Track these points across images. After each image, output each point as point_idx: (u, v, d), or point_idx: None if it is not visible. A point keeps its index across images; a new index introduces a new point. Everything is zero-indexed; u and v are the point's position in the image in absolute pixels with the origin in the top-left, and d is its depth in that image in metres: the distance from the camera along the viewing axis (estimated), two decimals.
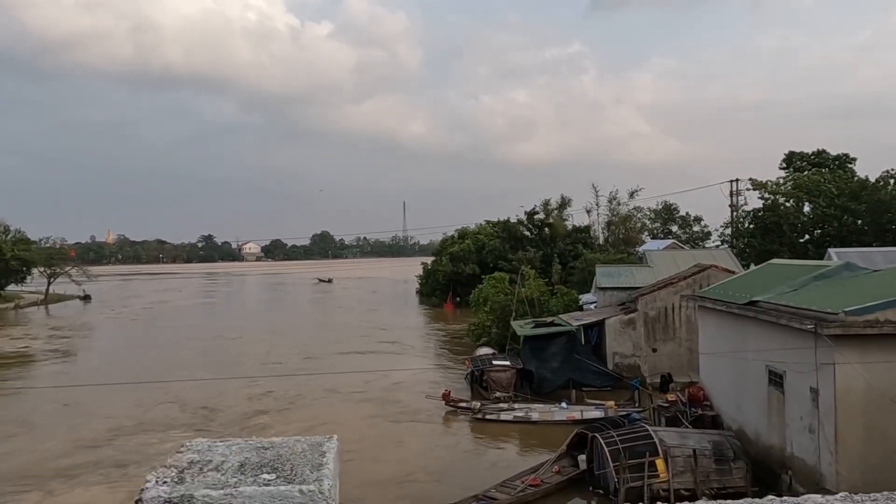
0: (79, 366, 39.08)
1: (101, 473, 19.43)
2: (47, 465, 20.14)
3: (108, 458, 20.70)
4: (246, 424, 24.22)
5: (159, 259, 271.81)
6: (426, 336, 48.74)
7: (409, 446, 21.98)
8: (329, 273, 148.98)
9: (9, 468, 19.94)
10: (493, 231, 68.09)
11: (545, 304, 35.87)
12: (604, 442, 16.12)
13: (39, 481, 18.90)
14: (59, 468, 19.91)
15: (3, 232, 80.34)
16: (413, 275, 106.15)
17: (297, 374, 32.16)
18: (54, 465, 20.15)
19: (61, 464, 20.28)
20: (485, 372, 26.47)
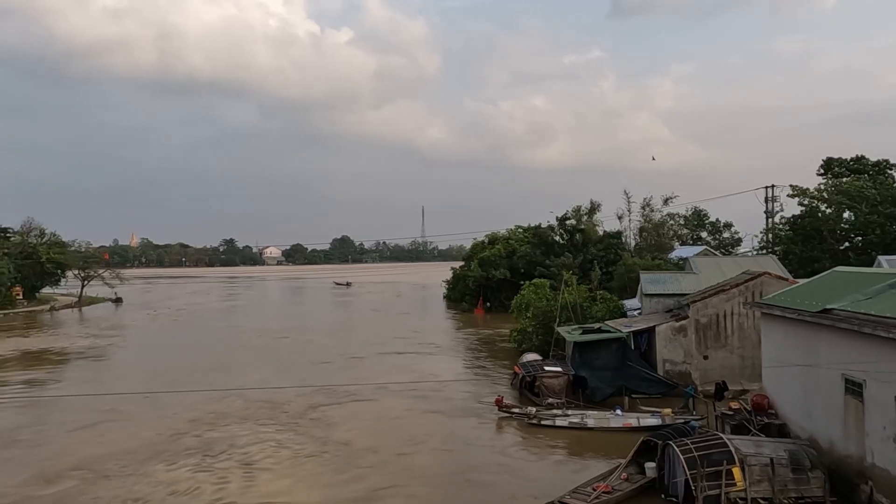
0: (145, 362, 40.78)
1: (196, 457, 20.68)
2: (151, 449, 21.47)
3: (197, 444, 21.99)
4: (313, 416, 25.56)
5: (182, 262, 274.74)
6: (460, 340, 48.81)
7: (469, 444, 22.43)
8: (349, 277, 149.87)
9: (115, 450, 21.33)
10: (524, 236, 68.05)
11: (587, 310, 35.71)
12: (679, 450, 16.02)
13: (144, 462, 20.21)
14: (158, 452, 21.27)
15: (38, 235, 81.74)
16: (432, 280, 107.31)
17: (346, 371, 34.84)
18: (154, 450, 21.47)
19: (159, 448, 21.60)
20: (537, 378, 26.41)
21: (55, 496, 17.64)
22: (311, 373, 34.44)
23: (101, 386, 32.77)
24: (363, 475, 19.27)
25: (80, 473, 19.26)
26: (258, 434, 23.15)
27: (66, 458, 20.78)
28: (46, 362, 40.89)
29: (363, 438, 22.80)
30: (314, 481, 18.79)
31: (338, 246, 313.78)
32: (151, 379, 33.63)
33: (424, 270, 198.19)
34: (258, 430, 23.62)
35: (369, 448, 21.70)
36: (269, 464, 20.11)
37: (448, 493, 18.19)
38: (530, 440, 22.81)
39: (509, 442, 22.80)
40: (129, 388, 30.17)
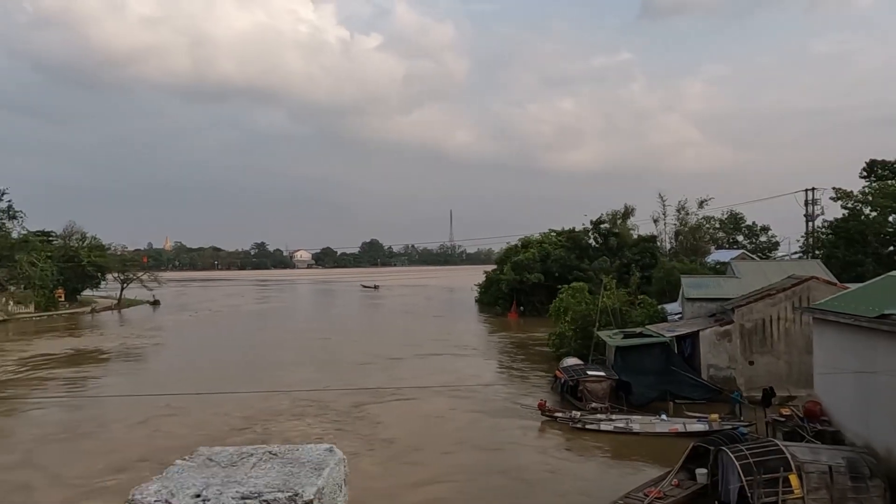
0: (193, 361, 41.98)
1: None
2: (210, 444, 21.19)
3: (253, 440, 22.77)
4: (358, 414, 26.46)
5: (214, 266, 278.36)
6: (495, 343, 48.90)
7: (513, 444, 22.69)
8: (378, 281, 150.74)
9: (176, 444, 21.78)
10: (558, 240, 67.77)
11: (627, 314, 35.47)
12: (734, 456, 15.86)
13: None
14: (227, 442, 21.69)
15: (80, 239, 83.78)
16: (461, 283, 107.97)
17: (386, 371, 35.77)
18: (213, 444, 21.29)
19: (218, 443, 21.40)
20: (580, 382, 26.32)
21: (128, 484, 17.93)
22: (353, 372, 35.31)
23: (153, 383, 33.95)
24: (411, 472, 19.84)
25: (146, 465, 20.25)
26: (308, 430, 24.04)
27: (131, 451, 21.79)
28: (101, 360, 42.85)
29: (408, 437, 23.33)
30: (365, 475, 19.40)
31: (367, 249, 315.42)
32: (201, 377, 34.83)
33: (453, 274, 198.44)
34: (308, 427, 24.51)
35: (414, 446, 22.27)
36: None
37: (496, 489, 18.63)
38: (575, 443, 22.80)
39: (554, 444, 22.89)
40: (180, 386, 31.58)
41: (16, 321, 64.60)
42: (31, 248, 72.44)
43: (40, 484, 18.77)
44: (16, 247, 69.96)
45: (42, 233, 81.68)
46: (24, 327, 61.41)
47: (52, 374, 37.32)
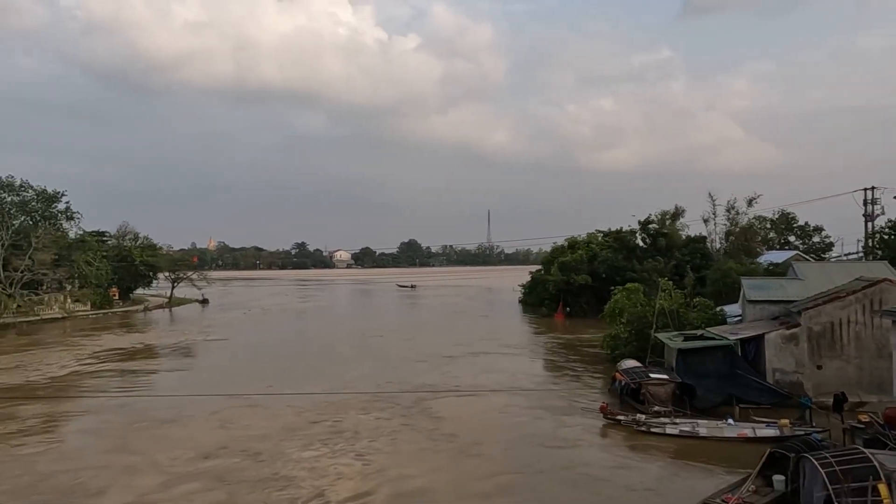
0: (256, 356, 43.98)
1: (327, 442, 22.58)
2: (285, 434, 23.47)
3: (326, 431, 23.83)
4: (419, 410, 27.08)
5: (256, 265, 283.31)
6: (544, 344, 48.69)
7: (575, 443, 22.85)
8: (416, 281, 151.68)
9: (253, 434, 23.46)
10: (605, 241, 67.09)
11: (683, 316, 34.87)
12: (818, 464, 15.43)
13: (281, 444, 22.26)
14: (292, 436, 23.26)
15: (132, 239, 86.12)
16: (500, 284, 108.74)
17: (441, 368, 36.94)
18: (288, 434, 23.46)
19: (292, 433, 23.59)
20: (642, 385, 25.96)
21: (218, 469, 19.60)
22: (409, 369, 36.36)
23: (223, 376, 35.43)
24: (476, 464, 20.37)
25: (227, 451, 21.38)
26: (377, 424, 24.74)
27: (212, 440, 22.77)
28: (170, 355, 44.86)
29: (469, 432, 23.82)
30: (433, 468, 20.04)
31: (405, 250, 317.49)
32: (268, 371, 36.39)
33: (492, 275, 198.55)
34: (376, 421, 25.17)
35: (475, 441, 22.78)
36: (390, 450, 21.60)
37: (563, 481, 19.01)
38: (639, 445, 22.52)
39: (617, 444, 22.74)
40: (248, 379, 33.47)
41: (74, 318, 66.74)
42: (87, 247, 74.74)
43: (142, 467, 19.95)
44: (73, 247, 72.20)
45: (97, 233, 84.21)
46: (81, 324, 63.42)
47: (127, 367, 39.38)
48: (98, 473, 19.47)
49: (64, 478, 19.14)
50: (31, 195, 72.49)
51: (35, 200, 72.37)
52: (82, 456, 21.43)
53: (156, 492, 17.81)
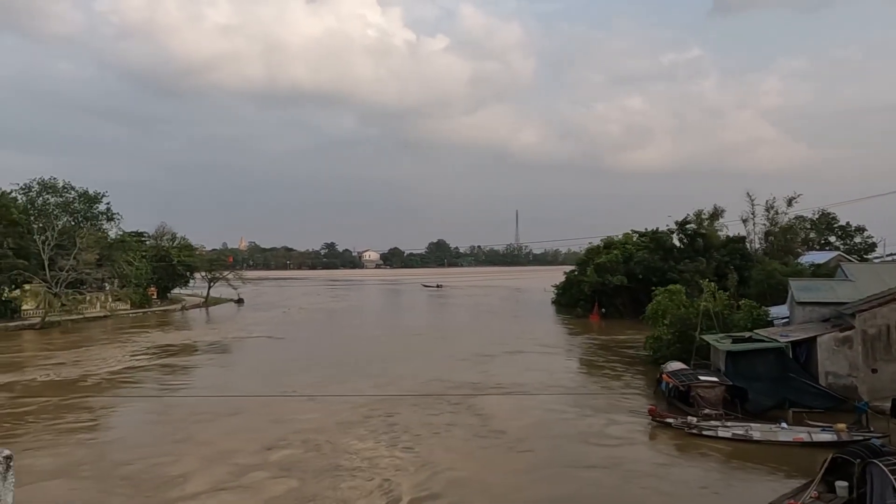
0: (303, 352, 45.33)
1: (383, 435, 23.43)
2: (342, 427, 24.34)
3: (380, 426, 24.59)
4: (466, 406, 27.65)
5: (286, 265, 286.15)
6: (581, 344, 48.43)
7: (622, 441, 22.98)
8: (445, 281, 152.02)
9: (310, 427, 24.21)
10: (640, 241, 66.41)
11: (728, 317, 34.35)
12: (888, 470, 15.08)
13: (338, 436, 23.12)
14: (348, 429, 24.03)
15: (170, 239, 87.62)
16: (530, 284, 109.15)
17: (482, 366, 37.67)
18: (344, 428, 24.32)
19: (349, 427, 24.36)
20: (691, 388, 25.62)
21: (283, 459, 20.45)
22: (453, 367, 36.94)
23: (273, 371, 36.65)
24: (526, 459, 20.96)
25: (288, 443, 22.14)
26: (428, 420, 25.31)
27: (271, 432, 23.48)
28: (218, 351, 46.49)
29: (516, 429, 24.27)
30: (485, 463, 20.62)
31: (434, 250, 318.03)
32: (316, 367, 37.72)
33: (520, 275, 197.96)
34: (427, 417, 25.77)
35: (522, 437, 23.28)
36: (443, 445, 22.20)
37: (615, 476, 19.28)
38: (691, 447, 22.29)
39: (667, 445, 22.61)
40: (299, 374, 34.97)
41: (116, 317, 68.16)
42: (127, 247, 76.23)
43: (211, 457, 20.71)
44: (114, 247, 73.65)
45: (136, 233, 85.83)
46: (124, 323, 64.76)
47: (178, 363, 40.89)
48: (172, 462, 20.27)
49: (140, 465, 20.00)
50: (74, 196, 74.03)
51: (77, 201, 73.91)
52: (153, 446, 22.25)
53: (230, 480, 18.64)
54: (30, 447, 22.19)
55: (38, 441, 23.16)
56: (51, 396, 30.31)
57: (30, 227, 62.97)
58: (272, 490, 17.78)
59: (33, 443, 22.93)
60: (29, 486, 18.00)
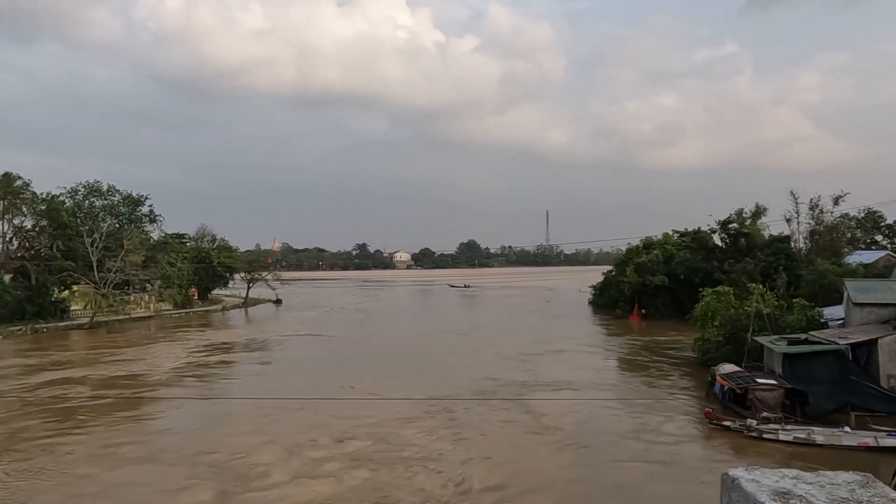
0: (359, 350, 46.60)
1: (446, 429, 24.39)
2: (402, 420, 25.31)
3: (443, 421, 25.39)
4: (521, 402, 28.66)
5: (318, 266, 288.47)
6: (623, 344, 48.06)
7: (679, 440, 23.20)
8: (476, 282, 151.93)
9: (373, 420, 25.11)
10: (681, 241, 65.59)
11: (781, 319, 33.74)
12: None
13: (400, 428, 24.14)
14: (408, 422, 25.10)
15: (210, 241, 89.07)
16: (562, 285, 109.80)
17: (529, 363, 38.44)
18: (404, 420, 25.28)
19: (409, 420, 25.53)
20: (749, 390, 25.25)
21: (353, 451, 21.35)
22: (502, 365, 37.70)
23: (329, 367, 38.08)
24: (588, 454, 21.62)
25: (355, 437, 22.96)
26: (491, 416, 26.05)
27: (336, 425, 24.30)
28: (269, 348, 48.07)
29: (571, 425, 24.93)
30: (548, 456, 21.35)
31: (464, 250, 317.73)
32: (368, 364, 38.76)
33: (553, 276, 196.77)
34: (489, 412, 26.55)
35: (579, 432, 23.90)
36: (504, 441, 23.08)
37: (678, 471, 19.61)
38: (750, 450, 22.04)
39: (725, 446, 22.45)
40: (354, 371, 36.20)
41: (160, 317, 69.57)
42: (169, 249, 77.69)
43: (285, 449, 21.57)
44: (156, 248, 75.13)
45: (177, 235, 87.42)
46: (169, 323, 66.10)
47: (234, 359, 42.66)
48: (249, 453, 21.07)
49: (219, 456, 20.87)
50: (118, 199, 75.60)
51: (121, 204, 75.49)
52: (227, 438, 23.10)
53: (308, 470, 19.56)
54: (114, 435, 23.82)
55: (119, 430, 24.70)
56: (122, 389, 32.20)
57: (78, 230, 64.51)
58: (350, 479, 18.65)
59: (116, 431, 24.47)
60: (125, 469, 19.87)
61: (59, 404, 28.75)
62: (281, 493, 17.74)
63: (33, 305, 60.22)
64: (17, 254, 62.44)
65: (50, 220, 63.01)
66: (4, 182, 63.99)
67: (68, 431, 24.27)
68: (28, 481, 18.82)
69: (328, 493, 17.65)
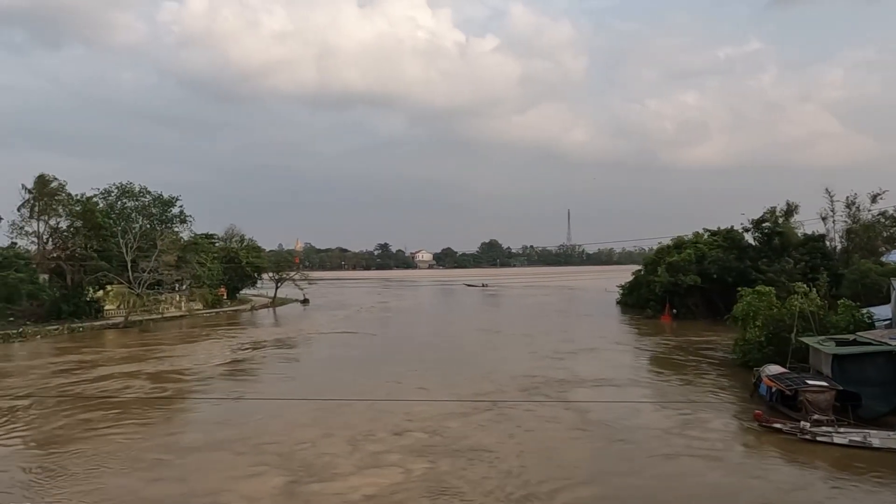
0: (399, 348, 47.50)
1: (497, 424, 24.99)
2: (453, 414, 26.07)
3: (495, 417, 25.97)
4: (564, 398, 29.25)
5: (341, 266, 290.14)
6: (658, 344, 47.50)
7: (727, 437, 23.41)
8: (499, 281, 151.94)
9: (426, 415, 25.57)
10: (712, 240, 64.88)
11: (824, 319, 33.17)
12: None
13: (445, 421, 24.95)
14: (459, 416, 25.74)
15: (239, 241, 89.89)
16: (586, 285, 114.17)
17: (566, 360, 39.21)
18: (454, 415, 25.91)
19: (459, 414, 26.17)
20: (799, 392, 24.82)
21: (412, 444, 21.93)
22: (540, 363, 38.12)
23: (373, 363, 39.27)
24: (637, 450, 21.64)
25: (410, 430, 23.64)
26: (540, 411, 26.59)
27: (388, 420, 24.92)
28: (309, 344, 49.25)
29: (616, 419, 25.20)
30: (597, 451, 21.79)
31: (486, 250, 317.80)
32: (408, 361, 39.47)
33: (575, 275, 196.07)
34: (537, 407, 27.22)
35: (623, 429, 23.95)
36: (554, 435, 23.44)
37: (728, 475, 19.36)
38: (803, 452, 21.64)
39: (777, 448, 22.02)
40: (396, 367, 37.02)
41: (192, 317, 70.37)
42: (199, 249, 78.53)
43: (345, 441, 22.19)
44: (187, 248, 75.96)
45: (206, 235, 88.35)
46: (201, 322, 66.84)
47: (278, 355, 43.64)
48: (311, 445, 21.75)
49: (282, 447, 21.52)
50: (149, 200, 76.58)
51: (152, 205, 76.47)
52: (286, 429, 23.68)
53: (371, 461, 20.13)
54: (173, 426, 25.30)
55: (177, 421, 26.29)
56: (174, 384, 33.56)
57: (112, 231, 65.44)
58: (413, 470, 19.32)
59: (175, 423, 26.02)
60: (193, 457, 20.88)
61: (114, 398, 29.90)
62: (350, 481, 18.41)
63: (69, 305, 61.21)
64: (53, 254, 63.50)
65: (85, 220, 63.98)
66: (40, 184, 65.22)
67: (129, 422, 25.34)
68: (103, 467, 19.92)
69: (395, 482, 18.33)
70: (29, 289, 56.16)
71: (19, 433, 24.03)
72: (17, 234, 63.71)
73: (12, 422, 25.54)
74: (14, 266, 55.69)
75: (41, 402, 29.02)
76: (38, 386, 32.90)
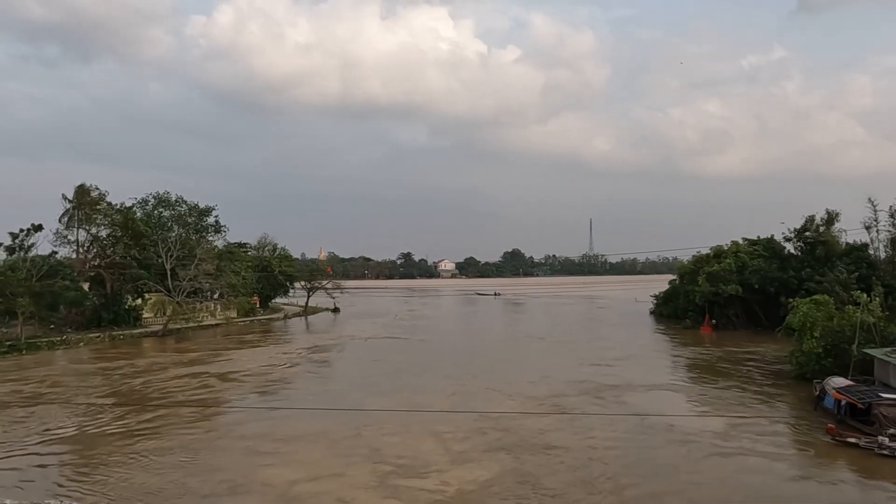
0: (450, 353, 49.06)
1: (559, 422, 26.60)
2: (521, 411, 28.03)
3: (556, 420, 26.89)
4: (621, 401, 30.18)
5: (364, 275, 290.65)
6: (700, 355, 46.92)
7: (797, 447, 23.61)
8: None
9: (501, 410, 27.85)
10: (752, 249, 63.94)
11: (885, 330, 32.42)
12: None
13: (517, 419, 26.24)
14: (523, 413, 27.70)
15: (271, 250, 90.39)
16: (612, 294, 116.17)
17: (613, 368, 39.70)
18: (521, 410, 28.02)
19: (524, 410, 28.35)
20: (872, 405, 24.21)
21: (493, 442, 23.04)
22: (586, 370, 39.00)
23: (428, 367, 41.00)
24: (696, 450, 22.32)
25: (486, 429, 24.73)
26: (594, 411, 27.81)
27: (465, 418, 26.22)
28: (358, 349, 51.32)
29: (677, 422, 25.79)
30: (666, 451, 22.31)
31: (509, 259, 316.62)
32: (461, 366, 41.11)
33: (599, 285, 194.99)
34: (591, 409, 28.39)
35: (688, 432, 24.46)
36: (619, 435, 24.12)
37: (793, 476, 20.06)
38: (882, 468, 21.08)
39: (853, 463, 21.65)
40: (451, 370, 38.89)
41: (228, 325, 70.77)
42: (234, 258, 79.06)
43: (428, 437, 23.55)
44: (222, 257, 76.49)
45: (240, 244, 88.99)
46: (237, 330, 67.27)
47: (331, 357, 46.20)
48: (396, 441, 23.08)
49: (367, 441, 23.12)
50: (185, 209, 77.31)
51: (188, 214, 77.18)
52: (363, 427, 24.98)
53: (459, 457, 21.29)
54: (266, 416, 27.25)
55: (266, 414, 28.05)
56: (242, 383, 35.68)
57: (152, 239, 66.10)
58: (500, 465, 20.30)
59: (264, 413, 27.97)
60: (295, 444, 22.74)
61: (194, 398, 31.64)
62: (446, 476, 19.42)
63: (109, 313, 61.86)
64: (94, 262, 64.22)
65: (124, 229, 64.68)
66: (80, 193, 66.12)
67: (210, 418, 27.25)
68: (208, 453, 22.04)
69: (487, 476, 19.33)
70: (73, 296, 56.75)
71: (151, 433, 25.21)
72: (61, 242, 64.42)
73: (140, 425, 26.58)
74: (60, 274, 56.34)
75: (138, 404, 30.50)
76: (116, 387, 34.82)
